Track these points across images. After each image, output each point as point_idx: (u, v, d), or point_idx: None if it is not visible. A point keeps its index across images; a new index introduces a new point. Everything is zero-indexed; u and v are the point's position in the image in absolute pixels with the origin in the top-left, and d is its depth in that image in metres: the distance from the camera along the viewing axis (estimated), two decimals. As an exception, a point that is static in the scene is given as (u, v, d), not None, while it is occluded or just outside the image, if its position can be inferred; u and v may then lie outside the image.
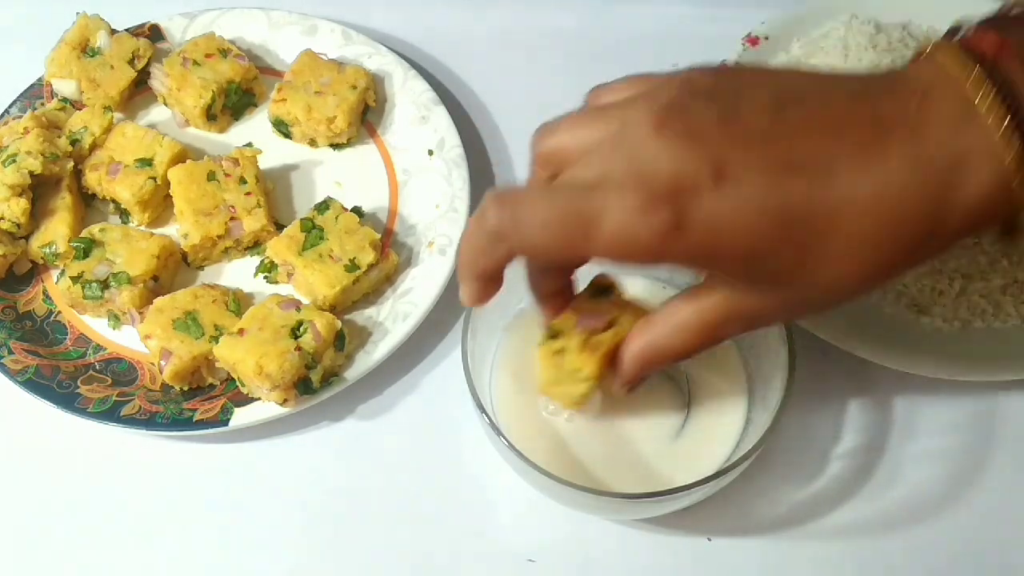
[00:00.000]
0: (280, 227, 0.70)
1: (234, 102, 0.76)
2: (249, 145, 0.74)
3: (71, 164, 0.70)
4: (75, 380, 0.64)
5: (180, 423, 0.62)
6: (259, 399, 0.63)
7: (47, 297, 0.69)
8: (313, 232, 0.67)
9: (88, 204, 0.73)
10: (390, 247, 0.69)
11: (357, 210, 0.69)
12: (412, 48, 0.81)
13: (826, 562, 0.59)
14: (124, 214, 0.72)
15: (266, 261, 0.69)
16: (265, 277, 0.69)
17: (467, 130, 0.76)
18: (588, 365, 0.50)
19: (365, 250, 0.66)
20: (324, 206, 0.68)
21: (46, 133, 0.70)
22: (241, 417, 0.62)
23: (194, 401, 0.64)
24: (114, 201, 0.71)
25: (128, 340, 0.67)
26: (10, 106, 0.76)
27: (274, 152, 0.74)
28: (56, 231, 0.69)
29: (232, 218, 0.68)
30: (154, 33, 0.79)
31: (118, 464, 0.64)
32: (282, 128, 0.75)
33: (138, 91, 0.77)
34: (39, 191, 0.69)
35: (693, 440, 0.57)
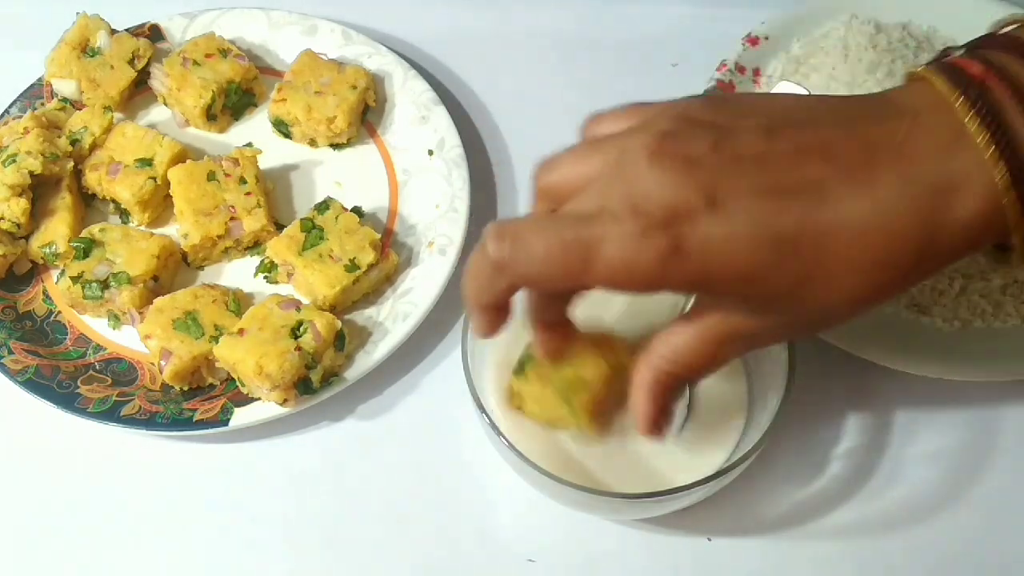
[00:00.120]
0: (280, 227, 0.70)
1: (234, 102, 0.76)
2: (249, 145, 0.74)
3: (71, 164, 0.70)
4: (75, 380, 0.64)
5: (180, 423, 0.62)
6: (259, 399, 0.63)
7: (47, 297, 0.69)
8: (313, 232, 0.67)
9: (88, 204, 0.73)
10: (390, 247, 0.69)
11: (357, 210, 0.69)
12: (412, 48, 0.81)
13: (826, 562, 0.59)
14: (124, 214, 0.72)
15: (266, 261, 0.69)
16: (265, 277, 0.69)
17: (467, 130, 0.76)
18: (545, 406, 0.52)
19: (365, 250, 0.66)
20: (324, 206, 0.68)
21: (46, 133, 0.70)
22: (241, 417, 0.62)
23: (194, 401, 0.64)
24: (114, 201, 0.71)
25: (128, 340, 0.67)
26: (10, 106, 0.76)
27: (274, 152, 0.74)
28: (56, 231, 0.69)
29: (232, 218, 0.68)
30: (154, 33, 0.79)
31: (118, 464, 0.64)
32: (282, 128, 0.75)
33: (138, 91, 0.77)
34: (39, 191, 0.69)
35: (693, 440, 0.57)
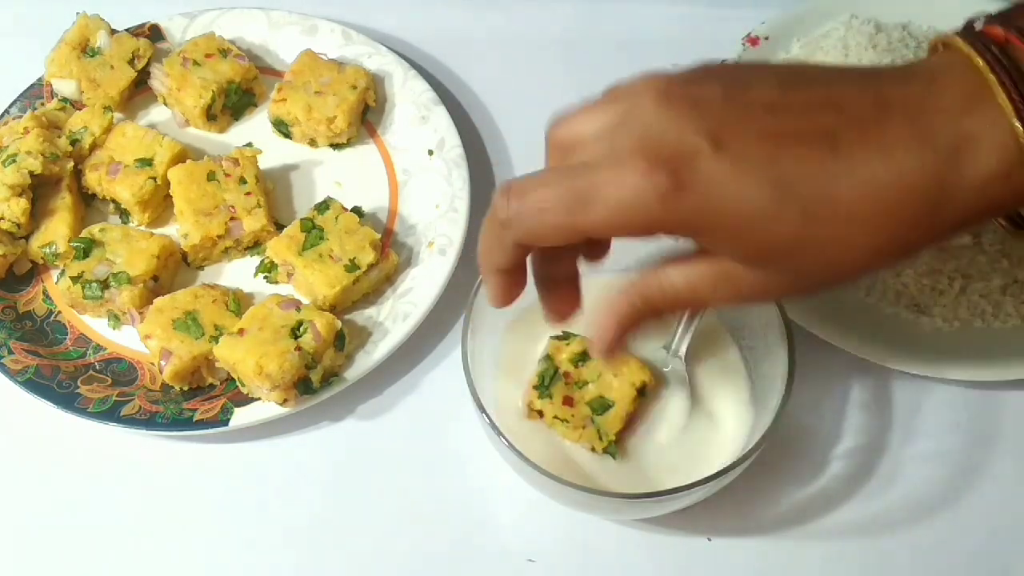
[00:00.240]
0: (280, 227, 0.70)
1: (234, 102, 0.76)
2: (249, 145, 0.74)
3: (71, 164, 0.70)
4: (75, 380, 0.64)
5: (180, 423, 0.62)
6: (259, 399, 0.63)
7: (47, 297, 0.69)
8: (313, 232, 0.67)
9: (88, 204, 0.73)
10: (390, 247, 0.69)
11: (357, 210, 0.69)
12: (412, 48, 0.81)
13: (826, 562, 0.59)
14: (124, 214, 0.72)
15: (266, 261, 0.69)
16: (265, 277, 0.69)
17: (467, 130, 0.76)
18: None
19: (365, 250, 0.66)
20: (324, 206, 0.68)
21: (46, 133, 0.70)
22: (241, 417, 0.62)
23: (194, 401, 0.64)
24: (114, 201, 0.71)
25: (128, 340, 0.67)
26: (10, 106, 0.76)
27: (274, 152, 0.74)
28: (56, 231, 0.69)
29: (232, 218, 0.68)
30: (154, 33, 0.79)
31: (118, 464, 0.64)
32: (282, 128, 0.75)
33: (138, 91, 0.77)
34: (39, 191, 0.69)
35: (693, 440, 0.57)
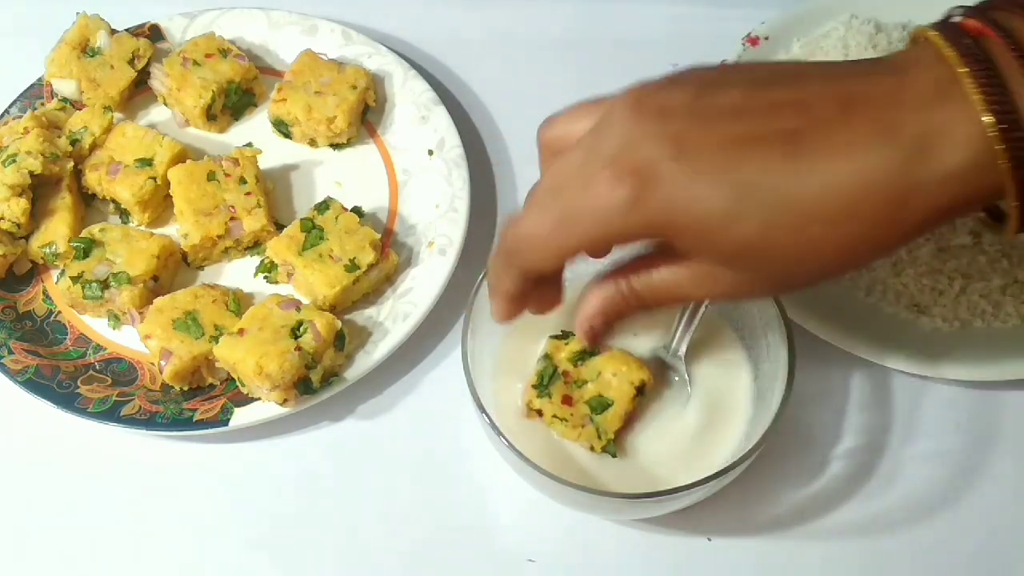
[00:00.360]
0: (280, 227, 0.70)
1: (234, 102, 0.76)
2: (249, 145, 0.74)
3: (71, 164, 0.70)
4: (75, 380, 0.64)
5: (180, 423, 0.62)
6: (259, 399, 0.63)
7: (47, 297, 0.69)
8: (313, 232, 0.67)
9: (88, 204, 0.73)
10: (390, 247, 0.69)
11: (357, 210, 0.69)
12: (412, 48, 0.81)
13: (826, 562, 0.59)
14: (124, 214, 0.72)
15: (266, 261, 0.69)
16: (265, 277, 0.69)
17: (467, 130, 0.76)
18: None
19: (365, 250, 0.66)
20: (324, 206, 0.68)
21: (46, 133, 0.70)
22: (241, 417, 0.62)
23: (194, 401, 0.64)
24: (114, 201, 0.71)
25: (128, 340, 0.67)
26: (10, 106, 0.76)
27: (274, 152, 0.74)
28: (56, 231, 0.69)
29: (232, 218, 0.68)
30: (154, 33, 0.79)
31: (118, 464, 0.64)
32: (282, 128, 0.75)
33: (138, 91, 0.77)
34: (39, 191, 0.69)
35: (693, 440, 0.57)
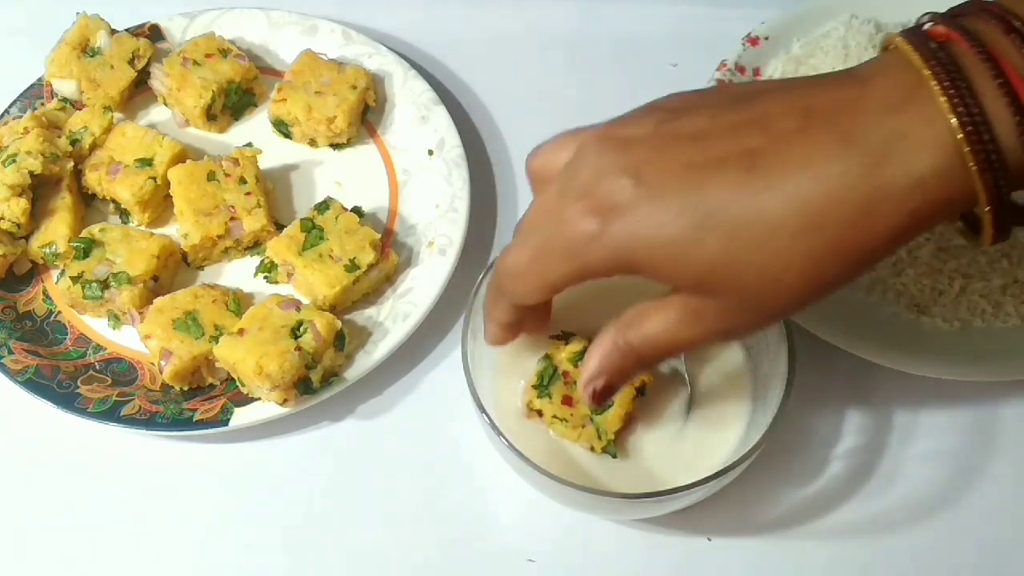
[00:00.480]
0: (280, 227, 0.70)
1: (234, 102, 0.76)
2: (249, 145, 0.74)
3: (71, 164, 0.70)
4: (75, 380, 0.64)
5: (180, 423, 0.62)
6: (259, 399, 0.63)
7: (47, 297, 0.69)
8: (313, 232, 0.67)
9: (88, 204, 0.73)
10: (390, 247, 0.69)
11: (357, 210, 0.69)
12: (412, 48, 0.81)
13: (826, 562, 0.59)
14: (124, 214, 0.72)
15: (266, 261, 0.69)
16: (265, 277, 0.69)
17: (467, 130, 0.76)
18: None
19: (365, 250, 0.66)
20: (324, 206, 0.68)
21: (46, 133, 0.70)
22: (241, 417, 0.62)
23: (194, 401, 0.64)
24: (114, 201, 0.71)
25: (128, 340, 0.67)
26: (10, 106, 0.76)
27: (274, 152, 0.74)
28: (56, 231, 0.69)
29: (232, 218, 0.68)
30: (154, 33, 0.79)
31: (118, 464, 0.64)
32: (282, 128, 0.75)
33: (138, 91, 0.77)
34: (39, 191, 0.69)
35: (693, 440, 0.57)
